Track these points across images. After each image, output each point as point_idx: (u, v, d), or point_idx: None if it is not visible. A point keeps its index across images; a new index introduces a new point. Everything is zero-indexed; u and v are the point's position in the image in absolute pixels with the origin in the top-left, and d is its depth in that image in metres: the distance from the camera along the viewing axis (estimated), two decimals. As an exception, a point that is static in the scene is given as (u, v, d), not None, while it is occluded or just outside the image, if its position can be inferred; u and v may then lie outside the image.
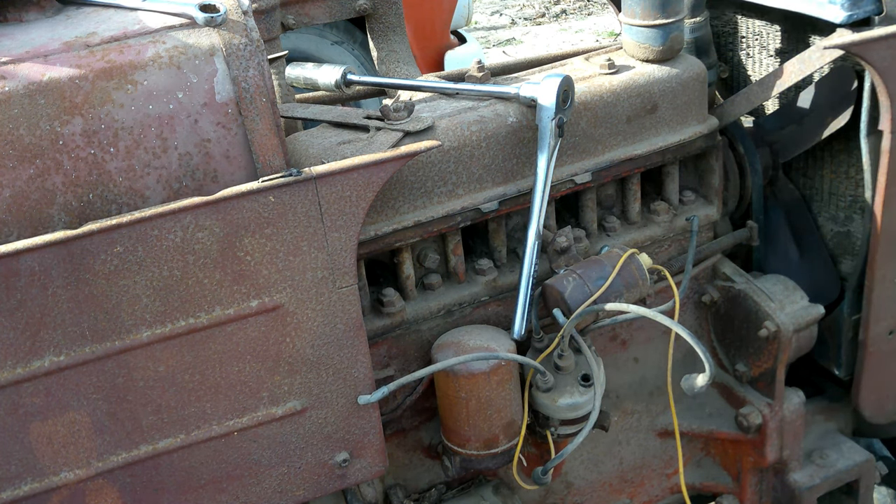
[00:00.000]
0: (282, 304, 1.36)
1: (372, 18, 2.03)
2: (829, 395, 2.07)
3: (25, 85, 1.20)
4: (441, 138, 1.57)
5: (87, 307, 1.25)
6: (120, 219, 1.22)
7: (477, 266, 1.71)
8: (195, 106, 1.28)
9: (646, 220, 1.86)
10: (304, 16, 1.95)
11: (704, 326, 1.99)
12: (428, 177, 1.59)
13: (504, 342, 1.61)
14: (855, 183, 1.88)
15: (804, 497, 1.96)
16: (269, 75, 1.31)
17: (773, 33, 1.96)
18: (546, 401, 1.64)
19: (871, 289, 1.82)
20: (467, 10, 4.70)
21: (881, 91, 1.66)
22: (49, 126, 1.22)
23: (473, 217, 1.64)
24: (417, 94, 1.76)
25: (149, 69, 1.26)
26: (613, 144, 1.74)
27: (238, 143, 1.31)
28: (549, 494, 1.94)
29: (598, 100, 1.70)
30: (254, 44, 1.29)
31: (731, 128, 1.92)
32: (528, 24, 7.99)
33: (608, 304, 1.57)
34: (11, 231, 1.23)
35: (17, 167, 1.21)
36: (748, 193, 1.96)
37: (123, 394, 1.31)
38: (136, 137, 1.26)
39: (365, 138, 1.57)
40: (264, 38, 1.75)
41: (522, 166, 1.66)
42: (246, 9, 1.32)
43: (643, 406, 1.98)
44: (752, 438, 1.93)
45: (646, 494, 2.04)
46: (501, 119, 1.63)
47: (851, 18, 1.67)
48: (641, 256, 1.66)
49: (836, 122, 1.82)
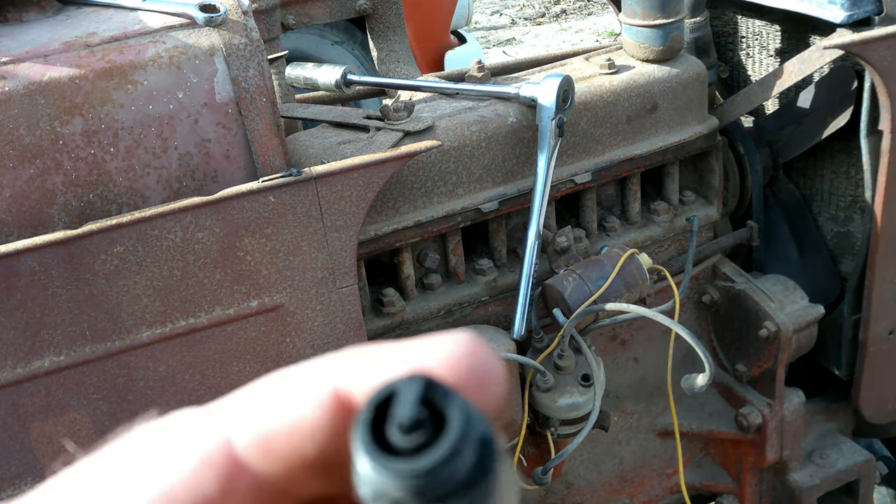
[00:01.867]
0: (282, 304, 1.36)
1: (372, 18, 2.03)
2: (829, 395, 2.07)
3: (25, 85, 1.20)
4: (441, 138, 1.57)
5: (87, 307, 1.25)
6: (120, 219, 1.23)
7: (477, 266, 1.71)
8: (195, 106, 1.28)
9: (646, 220, 1.86)
10: (305, 16, 1.95)
11: (704, 326, 1.99)
12: (428, 177, 1.59)
13: (504, 342, 1.61)
14: (855, 183, 1.88)
15: (804, 497, 1.96)
16: (269, 75, 1.31)
17: (773, 33, 1.96)
18: (546, 401, 1.64)
19: (871, 289, 1.82)
20: (467, 10, 4.69)
21: (881, 91, 1.66)
22: (49, 126, 1.22)
23: (473, 217, 1.64)
24: (417, 94, 1.76)
25: (149, 69, 1.26)
26: (613, 144, 1.74)
27: (238, 143, 1.31)
28: (549, 494, 1.94)
29: (598, 100, 1.70)
30: (254, 44, 1.29)
31: (731, 128, 1.92)
32: (528, 24, 7.99)
33: (608, 304, 1.57)
34: (11, 231, 1.23)
35: (17, 167, 1.21)
36: (748, 193, 1.96)
37: (124, 394, 1.31)
38: (136, 137, 1.26)
39: (365, 138, 1.57)
40: (264, 38, 1.75)
41: (522, 166, 1.66)
42: (246, 9, 1.32)
43: (643, 406, 1.98)
44: (752, 438, 1.93)
45: (646, 494, 2.04)
46: (501, 119, 1.63)
47: (851, 18, 1.67)
48: (641, 256, 1.66)
49: (836, 122, 1.82)
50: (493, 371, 0.30)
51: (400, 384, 0.28)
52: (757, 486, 2.03)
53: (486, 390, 0.30)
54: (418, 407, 0.28)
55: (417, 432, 0.27)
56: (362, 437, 0.28)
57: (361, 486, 0.28)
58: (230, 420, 0.31)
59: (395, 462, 0.27)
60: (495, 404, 0.30)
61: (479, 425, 0.28)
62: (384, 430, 0.28)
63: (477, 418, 0.28)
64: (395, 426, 0.28)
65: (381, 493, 0.27)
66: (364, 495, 0.28)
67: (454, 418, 0.27)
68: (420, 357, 0.30)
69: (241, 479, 0.30)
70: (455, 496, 0.27)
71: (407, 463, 0.27)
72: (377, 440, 0.28)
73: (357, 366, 0.30)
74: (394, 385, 0.28)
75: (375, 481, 0.27)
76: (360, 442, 0.28)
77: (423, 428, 0.27)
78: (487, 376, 0.30)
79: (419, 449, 0.27)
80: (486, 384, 0.30)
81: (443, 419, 0.28)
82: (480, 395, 0.30)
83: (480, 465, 0.27)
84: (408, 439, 0.27)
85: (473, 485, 0.27)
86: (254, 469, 0.30)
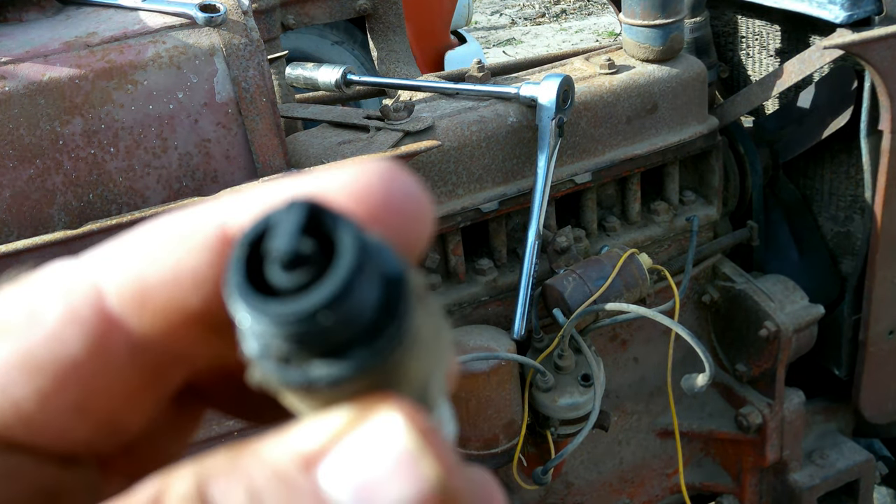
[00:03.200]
0: (282, 304, 1.36)
1: (372, 18, 2.03)
2: (829, 395, 2.07)
3: (25, 85, 1.20)
4: (441, 138, 1.57)
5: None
6: (120, 219, 1.22)
7: (477, 266, 1.72)
8: (195, 106, 1.28)
9: (646, 220, 1.86)
10: (305, 16, 1.95)
11: (704, 326, 1.99)
12: (428, 177, 1.59)
13: (504, 342, 1.61)
14: (855, 183, 1.88)
15: (804, 497, 1.96)
16: (269, 75, 1.31)
17: (773, 33, 1.96)
18: (546, 401, 1.64)
19: (871, 289, 1.82)
20: (467, 10, 4.69)
21: (881, 91, 1.66)
22: (49, 126, 1.22)
23: (473, 217, 1.64)
24: (417, 94, 1.76)
25: (149, 69, 1.26)
26: (613, 144, 1.74)
27: (238, 143, 1.31)
28: (549, 494, 1.94)
29: (598, 100, 1.70)
30: (254, 44, 1.29)
31: (732, 128, 1.92)
32: (528, 24, 7.98)
33: (608, 304, 1.57)
34: (11, 231, 1.23)
35: (17, 167, 1.21)
36: (748, 193, 1.96)
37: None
38: (136, 137, 1.26)
39: (365, 138, 1.57)
40: (264, 38, 1.75)
41: (522, 166, 1.66)
42: (246, 9, 1.32)
43: (643, 406, 1.98)
44: (752, 438, 1.93)
45: (646, 494, 2.04)
46: (501, 119, 1.63)
47: (851, 18, 1.67)
48: (641, 256, 1.66)
49: (836, 122, 1.82)
50: (413, 201, 0.24)
51: (279, 214, 0.23)
52: (757, 486, 2.03)
53: (405, 225, 0.24)
54: (299, 237, 0.22)
55: (301, 269, 0.22)
56: (235, 279, 0.22)
57: (244, 340, 0.23)
58: (101, 268, 0.25)
59: (273, 305, 0.22)
60: (418, 244, 0.25)
61: (382, 257, 0.22)
62: (263, 270, 0.22)
63: (379, 249, 0.23)
64: (275, 263, 0.22)
65: (265, 346, 0.22)
66: (249, 351, 0.23)
67: (345, 248, 0.22)
68: (320, 186, 0.24)
69: (113, 338, 0.24)
70: (354, 344, 0.22)
71: (287, 305, 0.22)
72: (254, 282, 0.22)
73: (247, 202, 0.25)
74: (272, 215, 0.23)
75: (257, 332, 0.22)
76: (233, 286, 0.22)
77: (308, 264, 0.22)
78: (406, 207, 0.24)
79: (303, 288, 0.22)
80: (405, 217, 0.24)
81: (333, 252, 0.22)
82: (398, 230, 0.24)
83: (386, 307, 0.22)
84: (289, 277, 0.22)
85: (377, 330, 0.22)
86: (129, 325, 0.25)
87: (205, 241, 0.24)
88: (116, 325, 0.25)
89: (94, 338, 0.24)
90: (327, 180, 0.24)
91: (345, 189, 0.24)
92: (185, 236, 0.24)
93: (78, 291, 0.25)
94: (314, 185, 0.24)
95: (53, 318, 0.24)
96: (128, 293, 0.24)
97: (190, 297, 0.24)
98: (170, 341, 0.25)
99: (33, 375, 0.24)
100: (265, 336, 0.22)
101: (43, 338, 0.24)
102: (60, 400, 0.24)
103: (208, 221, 0.25)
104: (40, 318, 0.24)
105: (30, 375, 0.24)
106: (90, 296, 0.24)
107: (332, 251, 0.22)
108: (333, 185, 0.24)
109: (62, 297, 0.24)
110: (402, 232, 0.24)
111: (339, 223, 0.22)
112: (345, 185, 0.24)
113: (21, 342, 0.24)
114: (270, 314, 0.22)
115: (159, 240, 0.25)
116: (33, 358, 0.24)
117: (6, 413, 0.24)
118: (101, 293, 0.25)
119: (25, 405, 0.24)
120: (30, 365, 0.24)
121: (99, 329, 0.24)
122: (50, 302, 0.24)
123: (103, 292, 0.25)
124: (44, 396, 0.24)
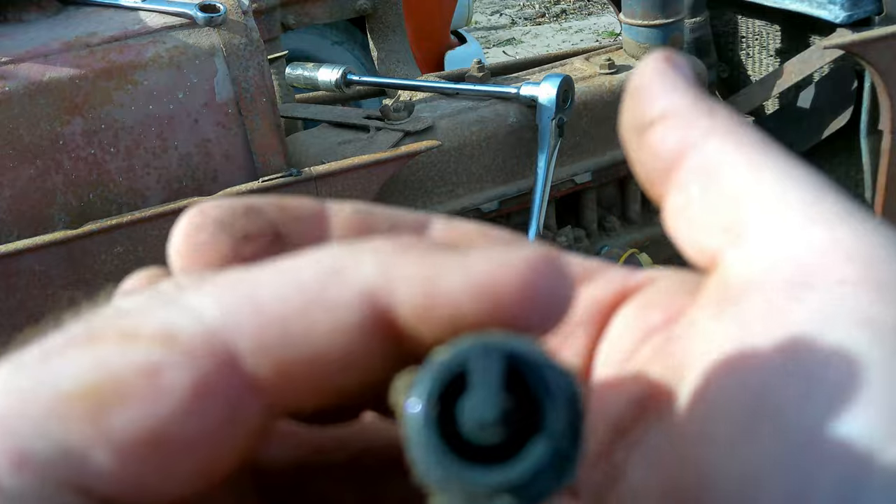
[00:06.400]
0: (282, 304, 1.36)
1: (372, 18, 2.03)
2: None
3: (25, 85, 1.21)
4: (441, 138, 1.57)
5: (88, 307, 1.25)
6: (120, 219, 1.23)
7: (477, 266, 1.71)
8: (195, 106, 1.28)
9: (646, 220, 1.86)
10: (305, 16, 1.95)
11: (704, 326, 1.99)
12: (428, 177, 1.59)
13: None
14: (855, 183, 1.88)
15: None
16: (269, 75, 1.31)
17: (773, 33, 1.96)
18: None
19: (872, 289, 1.82)
20: (467, 10, 4.69)
21: (881, 91, 1.66)
22: (49, 126, 1.22)
23: (473, 217, 1.64)
24: (417, 94, 1.76)
25: (149, 69, 1.26)
26: (613, 144, 1.74)
27: (238, 143, 1.31)
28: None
29: (598, 100, 1.70)
30: (254, 44, 1.29)
31: (731, 128, 1.92)
32: (528, 24, 7.98)
33: (608, 304, 1.57)
34: (12, 231, 1.23)
35: (18, 167, 1.21)
36: (748, 193, 1.96)
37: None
38: (136, 137, 1.26)
39: (365, 138, 1.57)
40: (264, 38, 1.75)
41: (522, 166, 1.66)
42: (246, 9, 1.32)
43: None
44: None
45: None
46: (501, 119, 1.63)
47: (851, 18, 1.67)
48: (641, 256, 1.66)
49: (836, 122, 1.82)
50: (566, 305, 0.21)
51: (473, 358, 0.20)
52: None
53: (551, 327, 0.21)
54: (503, 396, 0.19)
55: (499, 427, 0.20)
56: (426, 439, 0.20)
57: (421, 471, 0.20)
58: (231, 329, 0.21)
59: (476, 472, 0.19)
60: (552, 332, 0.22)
61: (569, 390, 0.20)
62: (451, 413, 0.20)
63: (568, 382, 0.20)
64: (472, 424, 0.20)
65: (450, 494, 0.20)
66: (426, 481, 0.20)
67: (554, 412, 0.19)
68: (484, 275, 0.20)
69: (246, 409, 0.21)
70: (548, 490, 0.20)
71: (490, 475, 0.19)
72: (444, 432, 0.20)
73: (403, 270, 0.21)
74: (463, 356, 0.20)
75: (442, 482, 0.20)
76: (422, 446, 0.20)
77: (507, 424, 0.20)
78: (558, 312, 0.21)
79: (503, 449, 0.20)
80: (554, 321, 0.21)
81: (528, 396, 0.20)
82: (544, 331, 0.21)
83: (572, 436, 0.20)
84: (486, 434, 0.20)
85: (567, 463, 0.20)
86: (264, 399, 0.22)
87: (357, 319, 0.21)
88: (250, 398, 0.21)
89: (229, 412, 0.21)
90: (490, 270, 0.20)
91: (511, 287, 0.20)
92: (330, 307, 0.21)
93: (208, 357, 0.21)
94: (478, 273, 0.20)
95: (182, 387, 0.21)
96: (265, 366, 0.21)
97: (333, 380, 0.21)
98: (286, 401, 0.22)
99: (158, 451, 0.21)
100: (452, 485, 0.20)
101: (171, 413, 0.20)
102: (179, 470, 0.21)
103: (354, 287, 0.21)
104: (166, 386, 0.21)
105: (154, 451, 0.21)
106: (224, 363, 0.21)
107: (525, 392, 0.20)
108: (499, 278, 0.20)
109: (191, 362, 0.21)
110: (546, 332, 0.21)
111: (541, 374, 0.20)
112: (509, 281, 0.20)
113: (145, 413, 0.21)
114: (467, 480, 0.19)
115: (298, 305, 0.21)
116: (162, 435, 0.21)
117: (117, 485, 0.21)
118: (235, 361, 0.21)
119: (141, 480, 0.21)
120: (156, 441, 0.21)
121: (234, 403, 0.21)
122: (173, 365, 0.21)
123: (238, 360, 0.21)
124: (165, 472, 0.21)
